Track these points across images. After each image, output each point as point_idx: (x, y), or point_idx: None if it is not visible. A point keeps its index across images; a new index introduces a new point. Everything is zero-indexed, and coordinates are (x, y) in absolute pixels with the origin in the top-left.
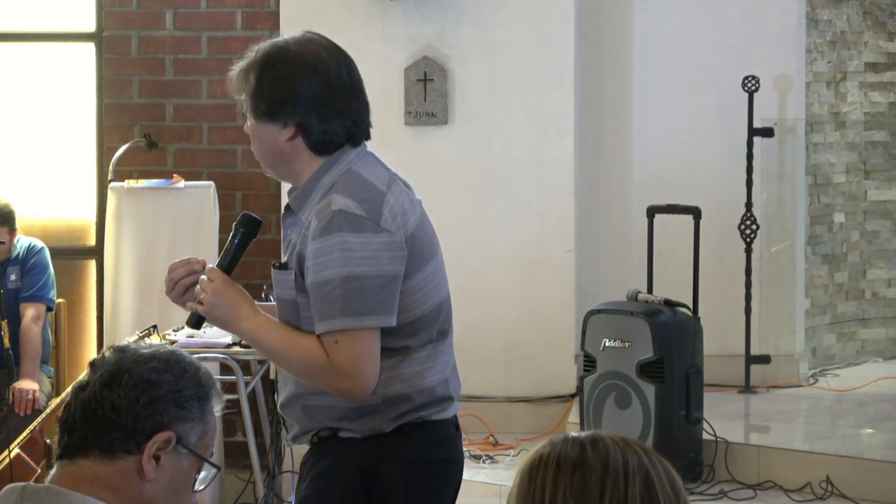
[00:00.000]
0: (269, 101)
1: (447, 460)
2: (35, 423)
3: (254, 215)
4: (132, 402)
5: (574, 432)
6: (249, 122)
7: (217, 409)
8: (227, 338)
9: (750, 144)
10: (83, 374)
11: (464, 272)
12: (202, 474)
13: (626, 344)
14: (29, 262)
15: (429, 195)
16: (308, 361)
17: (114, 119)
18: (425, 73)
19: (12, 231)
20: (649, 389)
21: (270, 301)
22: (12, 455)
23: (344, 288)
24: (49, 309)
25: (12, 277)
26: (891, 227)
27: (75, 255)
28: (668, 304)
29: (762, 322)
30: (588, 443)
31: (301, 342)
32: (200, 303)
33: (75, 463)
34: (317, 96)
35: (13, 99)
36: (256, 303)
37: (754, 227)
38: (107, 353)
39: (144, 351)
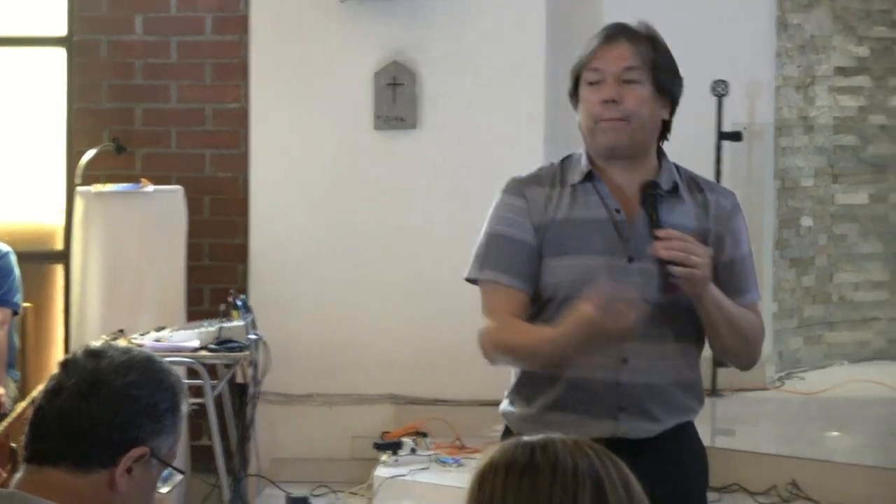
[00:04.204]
0: (671, 74)
1: None
2: (1, 427)
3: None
4: (111, 417)
5: (527, 436)
6: (644, 89)
7: (185, 412)
8: (195, 342)
9: (719, 148)
10: (54, 375)
11: (434, 276)
12: (164, 473)
13: None
14: None
15: (398, 199)
16: (757, 327)
17: (83, 123)
18: (395, 77)
19: None
20: None
21: None
22: None
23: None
24: (15, 313)
25: None
26: (858, 230)
27: (43, 259)
28: None
29: None
30: (538, 447)
31: (746, 310)
32: (697, 267)
33: (43, 471)
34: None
35: None
36: None
37: None
38: (79, 355)
39: (121, 358)
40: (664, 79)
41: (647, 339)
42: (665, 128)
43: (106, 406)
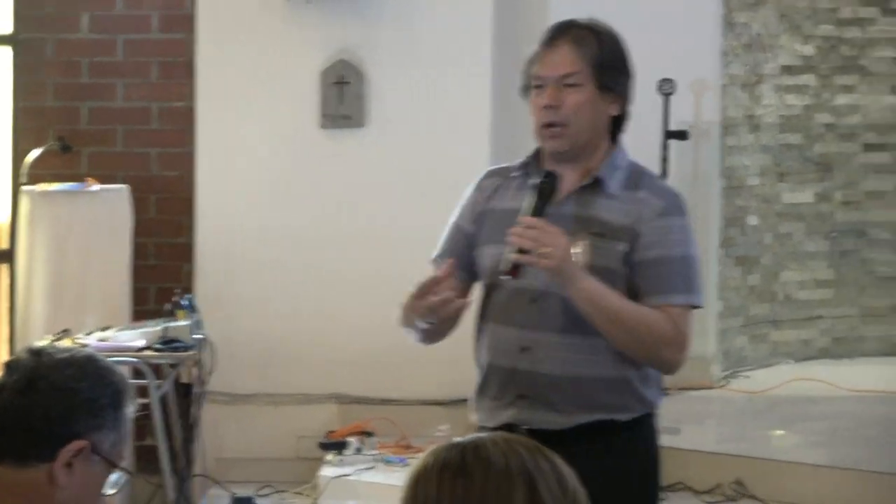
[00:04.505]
0: (616, 72)
1: None
2: None
3: (554, 173)
4: (47, 410)
5: (458, 437)
6: (584, 92)
7: (130, 413)
8: (140, 341)
9: (665, 147)
10: None
11: (379, 275)
12: (112, 477)
13: None
14: None
15: (344, 198)
16: (659, 329)
17: (28, 122)
18: (341, 76)
19: None
20: None
21: None
22: None
23: (694, 266)
24: None
25: None
26: (804, 229)
27: None
28: None
29: None
30: (469, 448)
31: (646, 308)
32: (542, 256)
33: None
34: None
35: None
36: None
37: None
38: (22, 355)
39: (61, 356)
40: (607, 78)
41: (552, 330)
42: (618, 121)
43: (43, 399)
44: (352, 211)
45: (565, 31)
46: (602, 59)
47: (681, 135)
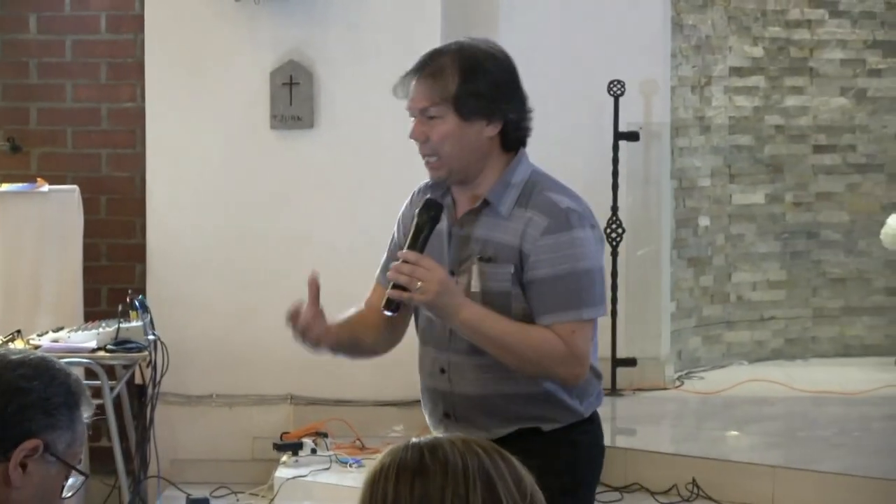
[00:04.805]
0: (481, 98)
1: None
2: None
3: (436, 201)
4: (0, 410)
5: (416, 438)
6: (447, 123)
7: (86, 415)
8: (92, 342)
9: (616, 148)
10: None
11: (330, 276)
12: (70, 481)
13: None
14: None
15: (295, 199)
16: (548, 349)
17: None
18: (291, 76)
19: None
20: None
21: None
22: None
23: (583, 281)
24: None
25: None
26: (755, 230)
27: None
28: None
29: (628, 325)
30: (427, 449)
31: (534, 330)
32: (416, 291)
33: None
34: (518, 95)
35: None
36: None
37: (620, 230)
38: None
39: (14, 356)
40: (467, 108)
41: (462, 352)
42: (510, 133)
43: None
44: (302, 211)
45: (424, 66)
46: (459, 91)
47: (632, 136)
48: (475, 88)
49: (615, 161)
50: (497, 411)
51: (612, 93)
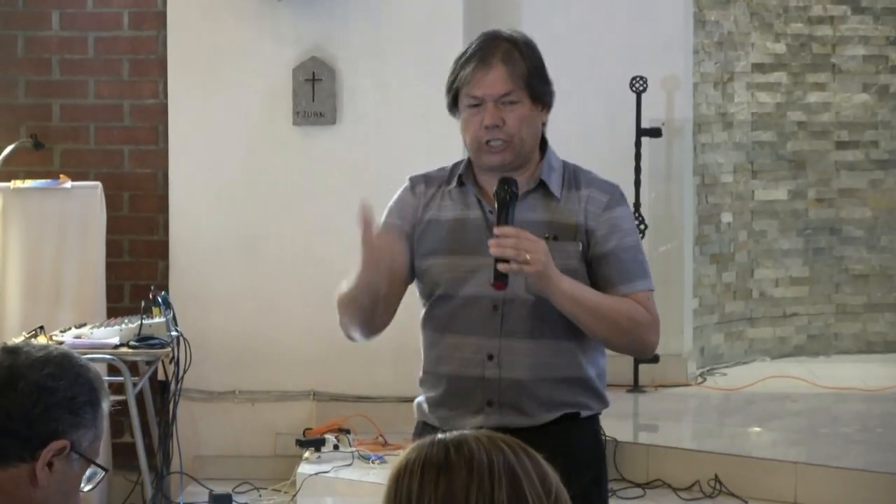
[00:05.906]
0: (546, 83)
1: None
2: None
3: (511, 178)
4: (27, 410)
5: (441, 434)
6: (524, 107)
7: (106, 408)
8: (115, 339)
9: (638, 145)
10: None
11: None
12: (87, 473)
13: None
14: None
15: (317, 195)
16: (638, 316)
17: (0, 119)
18: (313, 73)
19: None
20: None
21: None
22: None
23: (642, 253)
24: None
25: None
26: (778, 226)
27: None
28: None
29: None
30: (452, 445)
31: (621, 299)
32: (526, 263)
33: None
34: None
35: None
36: None
37: (642, 227)
38: None
39: (38, 354)
40: (539, 89)
41: (516, 335)
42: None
43: (23, 399)
44: (325, 207)
45: (494, 50)
46: (531, 72)
47: (654, 132)
48: (542, 74)
49: (637, 157)
50: (543, 396)
51: (634, 89)
